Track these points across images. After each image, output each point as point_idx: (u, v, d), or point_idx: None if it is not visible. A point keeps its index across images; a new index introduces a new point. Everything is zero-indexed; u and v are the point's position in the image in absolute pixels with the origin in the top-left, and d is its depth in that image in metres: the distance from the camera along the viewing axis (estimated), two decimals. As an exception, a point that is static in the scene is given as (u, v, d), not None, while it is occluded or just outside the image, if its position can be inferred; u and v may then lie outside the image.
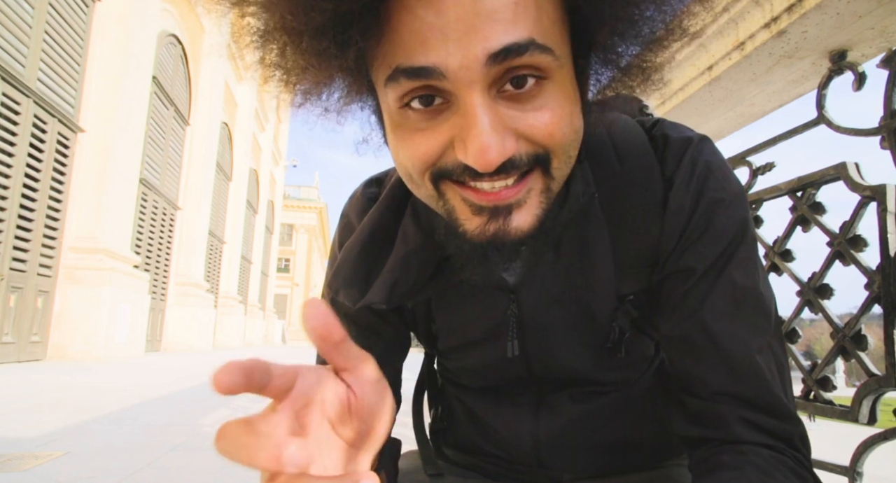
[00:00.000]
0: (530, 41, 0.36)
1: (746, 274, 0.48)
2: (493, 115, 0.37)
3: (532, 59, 0.37)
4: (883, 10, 0.86)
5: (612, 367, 0.57)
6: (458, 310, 0.58)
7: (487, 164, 0.37)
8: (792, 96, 1.19)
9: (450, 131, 0.39)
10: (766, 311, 0.48)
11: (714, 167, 0.49)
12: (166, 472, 2.10)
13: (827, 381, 0.92)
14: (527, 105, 0.39)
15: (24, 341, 6.26)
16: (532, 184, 0.41)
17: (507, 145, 0.38)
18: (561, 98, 0.40)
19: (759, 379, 0.46)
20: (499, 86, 0.38)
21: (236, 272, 16.55)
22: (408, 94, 0.39)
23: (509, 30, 0.36)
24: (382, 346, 0.62)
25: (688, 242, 0.49)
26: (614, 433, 0.60)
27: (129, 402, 3.81)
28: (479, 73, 0.36)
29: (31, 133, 6.18)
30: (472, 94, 0.37)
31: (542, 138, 0.39)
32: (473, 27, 0.35)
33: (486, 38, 0.35)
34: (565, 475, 0.62)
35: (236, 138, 16.07)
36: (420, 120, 0.40)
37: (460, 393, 0.67)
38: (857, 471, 0.82)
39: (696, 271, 0.48)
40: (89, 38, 7.36)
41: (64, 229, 6.99)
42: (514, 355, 0.56)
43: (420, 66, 0.37)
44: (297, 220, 36.70)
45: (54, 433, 2.66)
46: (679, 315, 0.49)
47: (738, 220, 0.48)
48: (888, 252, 0.79)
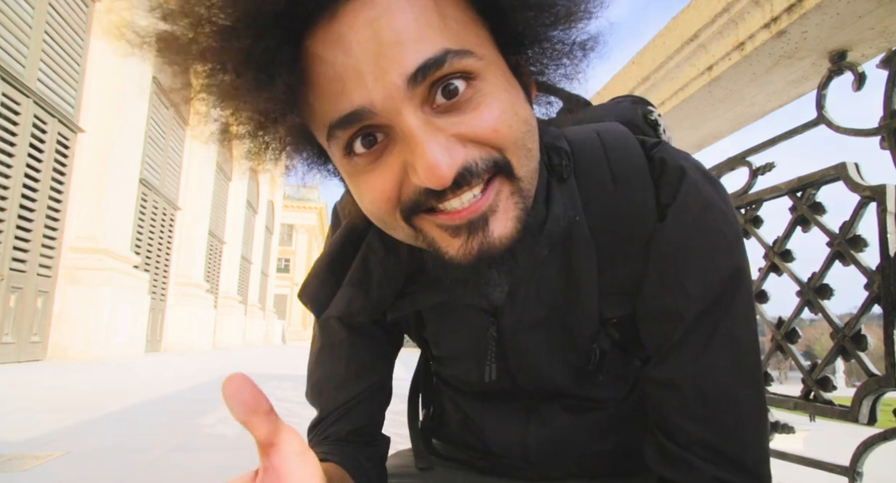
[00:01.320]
0: (445, 52, 0.36)
1: (747, 329, 0.47)
2: (432, 130, 0.37)
3: (452, 67, 0.36)
4: (883, 10, 0.86)
5: (596, 384, 0.57)
6: (443, 324, 0.58)
7: (442, 180, 0.36)
8: (792, 96, 1.19)
9: (399, 162, 0.39)
10: (758, 363, 0.48)
11: (713, 205, 0.48)
12: (166, 472, 2.10)
13: (827, 381, 0.92)
14: (464, 108, 0.38)
15: (24, 341, 6.26)
16: (499, 187, 0.40)
17: (456, 155, 0.37)
18: (497, 93, 0.39)
19: (744, 437, 0.46)
20: (430, 102, 0.38)
21: (236, 272, 16.55)
22: (349, 141, 0.39)
23: (419, 49, 0.36)
24: (373, 348, 0.63)
25: (675, 280, 0.47)
26: (605, 444, 0.60)
27: (129, 402, 3.81)
28: (405, 97, 0.36)
29: (31, 133, 6.17)
30: (405, 119, 0.37)
31: (488, 136, 0.38)
32: (383, 57, 0.35)
33: (399, 63, 0.35)
34: (553, 472, 0.63)
35: (236, 138, 16.04)
36: (368, 162, 0.40)
37: (453, 394, 0.67)
38: (857, 471, 0.82)
39: (685, 317, 0.46)
40: (89, 38, 7.36)
41: (64, 229, 6.99)
42: (491, 379, 0.56)
43: (348, 113, 0.37)
44: (297, 220, 36.69)
45: (54, 433, 2.66)
46: (670, 363, 0.48)
47: (732, 266, 0.47)
48: (888, 252, 0.79)
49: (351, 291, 0.53)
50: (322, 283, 0.55)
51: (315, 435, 0.62)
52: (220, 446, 2.66)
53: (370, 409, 0.63)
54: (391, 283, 0.53)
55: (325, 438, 0.61)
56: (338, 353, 0.61)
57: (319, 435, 0.62)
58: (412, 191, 0.39)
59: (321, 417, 0.63)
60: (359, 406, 0.62)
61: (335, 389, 0.61)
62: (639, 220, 0.49)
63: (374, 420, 0.64)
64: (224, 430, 3.04)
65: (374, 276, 0.53)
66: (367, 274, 0.53)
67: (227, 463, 2.35)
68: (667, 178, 0.49)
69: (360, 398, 0.62)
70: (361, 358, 0.62)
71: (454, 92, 0.37)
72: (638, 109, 0.61)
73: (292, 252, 36.57)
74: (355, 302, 0.53)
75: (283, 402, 4.35)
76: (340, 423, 0.61)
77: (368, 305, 0.53)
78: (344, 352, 0.61)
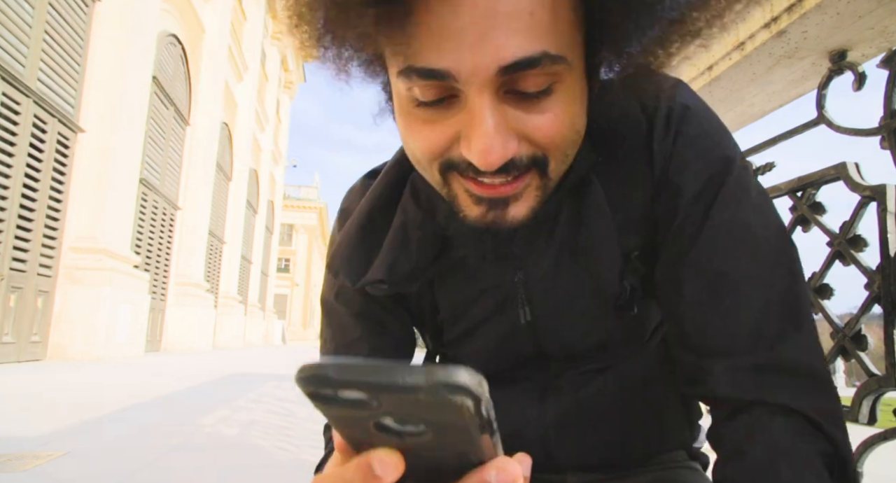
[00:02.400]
0: (543, 54, 0.36)
1: (750, 213, 0.47)
2: (498, 116, 0.38)
3: (543, 70, 0.37)
4: (883, 10, 0.86)
5: (621, 327, 0.56)
6: (463, 290, 0.57)
7: (489, 165, 0.39)
8: (792, 96, 1.19)
9: (456, 126, 0.40)
10: (781, 249, 0.46)
11: (692, 107, 0.49)
12: (166, 472, 2.10)
13: (827, 381, 0.92)
14: (532, 107, 0.39)
15: (24, 341, 6.26)
16: (529, 180, 0.42)
17: (509, 147, 0.39)
18: (567, 101, 0.40)
19: (768, 327, 0.43)
20: (507, 87, 0.39)
21: (236, 272, 16.55)
22: (418, 90, 0.40)
23: (523, 43, 0.36)
24: (390, 344, 0.62)
25: (671, 183, 0.48)
26: (618, 413, 0.60)
27: (129, 402, 3.81)
28: (490, 79, 0.37)
29: (31, 133, 6.17)
30: (480, 96, 0.38)
31: (542, 140, 0.40)
32: (487, 35, 0.35)
33: (499, 49, 0.36)
34: (570, 477, 0.62)
35: (236, 138, 16.07)
36: (428, 112, 0.41)
37: None
38: (857, 471, 0.82)
39: (678, 210, 0.48)
40: (89, 38, 7.36)
41: (64, 229, 6.99)
42: (526, 321, 0.55)
43: (432, 69, 0.37)
44: (297, 220, 36.70)
45: (54, 433, 2.66)
46: (670, 259, 0.48)
47: (722, 157, 0.47)
48: (888, 252, 0.79)
49: (393, 254, 0.53)
50: (354, 252, 0.55)
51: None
52: (220, 446, 2.66)
53: None
54: (431, 244, 0.53)
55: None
56: (355, 352, 0.61)
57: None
58: (457, 156, 0.41)
59: None
60: None
61: None
62: (634, 146, 0.50)
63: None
64: (224, 430, 3.04)
65: (413, 238, 0.53)
66: (405, 236, 0.53)
67: (227, 463, 2.35)
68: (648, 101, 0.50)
69: None
70: (380, 353, 0.61)
71: (531, 90, 0.38)
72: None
73: (292, 252, 36.57)
74: (398, 264, 0.53)
75: (283, 402, 4.36)
76: None
77: (410, 268, 0.53)
78: (363, 350, 0.61)
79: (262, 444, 2.75)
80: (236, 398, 4.42)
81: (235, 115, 15.94)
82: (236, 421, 3.35)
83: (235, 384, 5.52)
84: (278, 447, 2.68)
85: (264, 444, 2.73)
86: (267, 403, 4.22)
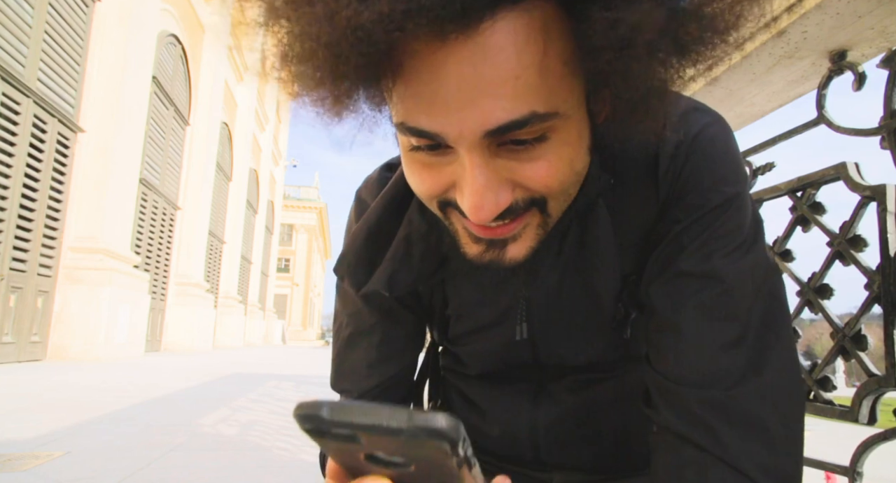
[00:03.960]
0: (531, 115, 0.36)
1: (717, 249, 0.46)
2: (489, 173, 0.38)
3: (532, 128, 0.37)
4: (883, 10, 0.86)
5: (615, 346, 0.57)
6: (471, 293, 0.58)
7: (482, 220, 0.39)
8: (792, 96, 1.19)
9: (452, 175, 0.40)
10: (740, 294, 0.45)
11: (700, 137, 0.48)
12: (166, 472, 2.10)
13: (827, 381, 0.92)
14: (526, 155, 0.39)
15: (24, 341, 6.26)
16: (528, 220, 0.42)
17: (502, 198, 0.39)
18: (564, 146, 0.39)
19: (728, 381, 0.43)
20: (499, 140, 0.38)
21: (236, 272, 16.55)
22: (414, 140, 0.40)
23: (509, 107, 0.35)
24: (402, 333, 0.63)
25: (669, 208, 0.48)
26: (612, 422, 0.61)
27: (129, 402, 3.81)
28: (477, 141, 0.37)
29: (31, 133, 6.17)
30: (470, 155, 0.38)
31: (538, 188, 0.40)
32: (473, 102, 0.35)
33: (485, 115, 0.35)
34: (556, 476, 0.63)
35: (236, 138, 16.07)
36: (426, 157, 0.41)
37: (460, 382, 0.68)
38: (857, 471, 0.82)
39: (667, 236, 0.48)
40: (89, 38, 7.36)
41: (64, 229, 6.99)
42: (522, 338, 0.57)
43: (422, 130, 0.38)
44: (297, 220, 36.70)
45: (54, 433, 2.66)
46: (645, 278, 0.49)
47: (716, 190, 0.46)
48: (888, 252, 0.79)
49: (394, 265, 0.54)
50: (360, 258, 0.56)
51: None
52: (220, 446, 2.66)
53: (398, 395, 0.64)
54: (434, 257, 0.54)
55: None
56: (369, 339, 0.62)
57: None
58: (454, 198, 0.42)
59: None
60: (389, 390, 0.63)
61: (367, 372, 0.62)
62: (638, 166, 0.49)
63: (404, 405, 0.65)
64: (224, 430, 3.04)
65: (417, 250, 0.54)
66: (409, 248, 0.54)
67: (227, 463, 2.35)
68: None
69: (391, 382, 0.62)
70: (392, 344, 0.62)
71: (522, 143, 0.38)
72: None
73: (292, 252, 36.57)
74: (398, 275, 0.54)
75: (283, 402, 4.36)
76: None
77: (411, 279, 0.54)
78: (376, 336, 0.62)
79: (262, 444, 2.75)
80: (236, 398, 4.42)
81: (235, 115, 15.94)
82: (236, 421, 3.35)
83: (235, 384, 5.52)
84: (278, 447, 2.68)
85: (264, 444, 2.73)
86: (267, 403, 4.22)
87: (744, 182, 0.48)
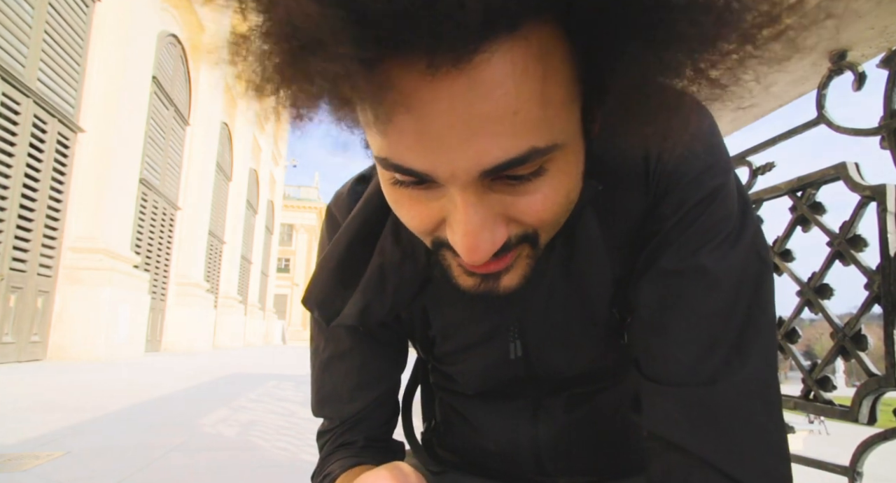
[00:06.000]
0: (531, 151, 0.33)
1: (702, 244, 0.45)
2: (484, 211, 0.35)
3: (532, 163, 0.34)
4: (883, 10, 0.86)
5: (611, 353, 0.56)
6: (456, 312, 0.56)
7: (476, 261, 0.36)
8: (792, 96, 1.19)
9: (442, 212, 0.37)
10: (727, 286, 0.44)
11: (701, 130, 0.46)
12: (166, 472, 2.10)
13: (827, 381, 0.92)
14: (522, 189, 0.36)
15: (24, 341, 6.26)
16: (519, 251, 0.40)
17: (498, 238, 0.36)
18: (557, 179, 0.37)
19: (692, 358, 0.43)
20: (493, 176, 0.35)
21: (236, 272, 16.55)
22: (398, 175, 0.36)
23: (506, 145, 0.32)
24: (383, 353, 0.61)
25: (656, 209, 0.47)
26: (613, 431, 0.60)
27: (129, 402, 3.81)
28: (471, 181, 0.34)
29: (31, 133, 6.17)
30: (463, 194, 0.34)
31: (532, 221, 0.38)
32: (467, 141, 0.31)
33: (480, 154, 0.32)
34: (561, 480, 0.62)
35: (236, 138, 16.06)
36: (412, 191, 0.37)
37: (454, 400, 0.66)
38: (857, 471, 0.82)
39: (656, 233, 0.46)
40: (89, 38, 7.36)
41: (64, 229, 6.99)
42: (516, 356, 0.55)
43: (409, 168, 0.34)
44: (297, 220, 36.69)
45: (54, 433, 2.66)
46: (637, 283, 0.47)
47: (710, 186, 0.45)
48: (888, 252, 0.79)
49: (366, 298, 0.51)
50: (330, 290, 0.53)
51: (328, 441, 0.62)
52: (220, 446, 2.66)
53: (384, 415, 0.62)
54: (409, 288, 0.52)
55: (341, 445, 0.60)
56: (349, 362, 0.59)
57: (333, 442, 0.61)
58: (445, 237, 0.38)
59: (333, 426, 0.62)
60: (374, 413, 0.61)
61: (349, 396, 0.60)
62: (626, 169, 0.47)
63: (389, 427, 0.63)
64: (224, 430, 3.04)
65: (391, 282, 0.51)
66: (382, 280, 0.51)
67: (227, 463, 2.35)
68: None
69: (376, 404, 0.61)
70: (373, 365, 0.60)
71: (518, 178, 0.35)
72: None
73: (292, 252, 36.56)
74: (371, 309, 0.51)
75: (283, 402, 4.36)
76: (355, 430, 0.60)
77: (385, 311, 0.52)
78: (356, 359, 0.59)
79: (262, 444, 2.75)
80: (236, 398, 4.42)
81: (235, 115, 15.94)
82: (236, 421, 3.35)
83: (235, 384, 5.52)
84: (278, 447, 2.68)
85: (264, 444, 2.73)
86: (267, 403, 4.22)
87: (729, 172, 0.47)
